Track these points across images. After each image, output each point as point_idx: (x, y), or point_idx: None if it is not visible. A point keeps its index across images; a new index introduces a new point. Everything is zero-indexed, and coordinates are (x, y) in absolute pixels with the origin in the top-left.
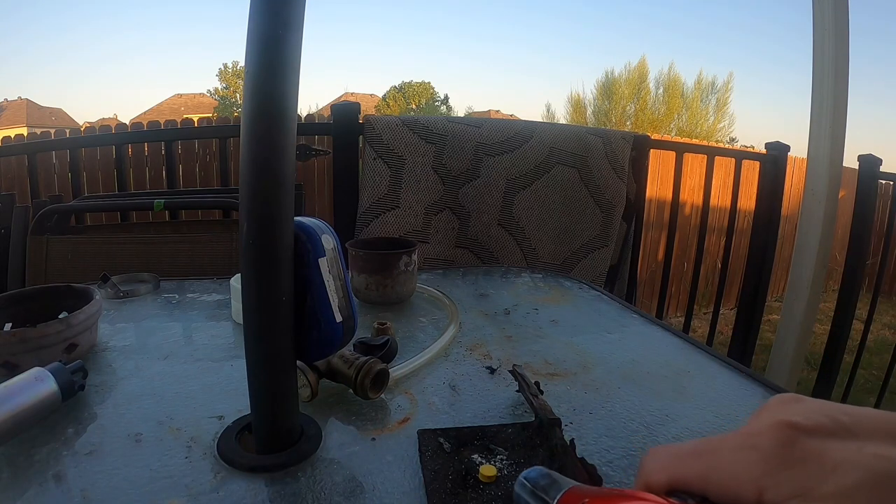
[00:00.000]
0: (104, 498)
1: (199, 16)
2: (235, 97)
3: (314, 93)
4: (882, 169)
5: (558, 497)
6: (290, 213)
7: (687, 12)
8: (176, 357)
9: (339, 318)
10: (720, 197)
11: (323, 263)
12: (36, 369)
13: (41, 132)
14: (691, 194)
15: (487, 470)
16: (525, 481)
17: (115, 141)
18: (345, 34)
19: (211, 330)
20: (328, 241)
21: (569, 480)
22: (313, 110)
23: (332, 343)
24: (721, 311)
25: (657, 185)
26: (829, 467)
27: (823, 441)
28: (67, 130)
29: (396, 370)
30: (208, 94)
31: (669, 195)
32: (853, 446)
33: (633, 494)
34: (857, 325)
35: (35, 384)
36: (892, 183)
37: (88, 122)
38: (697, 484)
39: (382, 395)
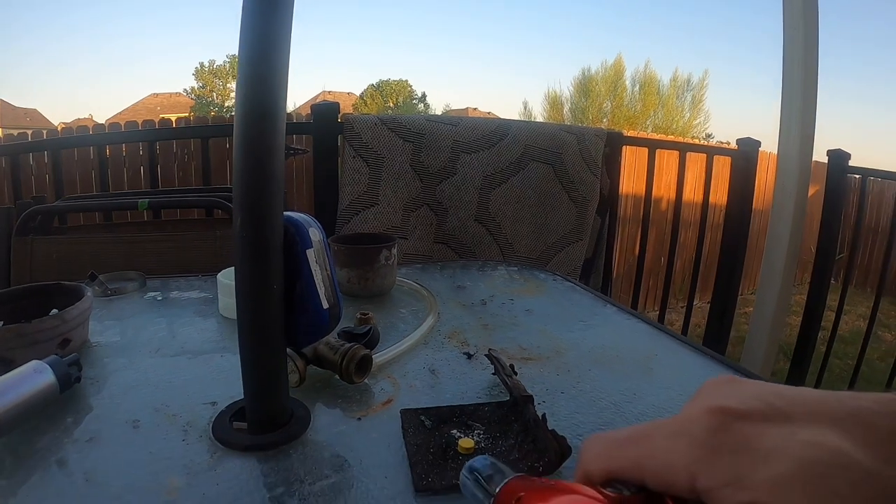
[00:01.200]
0: (107, 480)
1: (175, 15)
2: (212, 96)
3: (292, 92)
4: (850, 163)
5: (499, 487)
6: (280, 207)
7: (665, 7)
8: (166, 350)
9: (325, 305)
10: (694, 193)
11: (310, 254)
12: (34, 362)
13: (18, 133)
14: (667, 190)
15: (466, 443)
16: (471, 470)
17: (100, 142)
18: (322, 33)
19: (199, 325)
20: (315, 233)
21: (511, 472)
22: (291, 109)
23: (320, 328)
24: (697, 304)
25: (633, 182)
26: (762, 455)
27: (756, 426)
28: (45, 131)
29: (379, 356)
30: (185, 94)
31: (645, 191)
32: (786, 432)
33: (568, 487)
34: (832, 316)
35: (34, 376)
36: (860, 177)
37: (64, 123)
38: (633, 472)
39: (366, 380)
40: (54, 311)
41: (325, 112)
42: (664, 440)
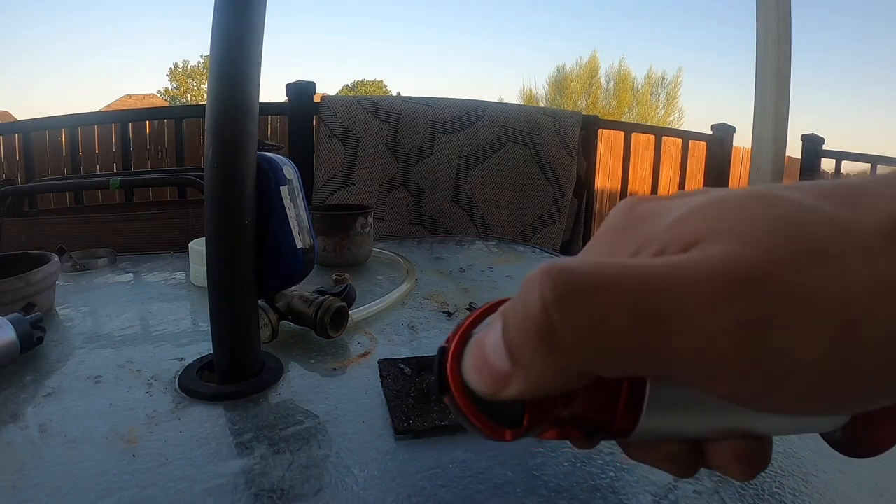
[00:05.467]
0: (63, 430)
1: (148, 14)
2: (186, 97)
3: (262, 95)
4: (824, 147)
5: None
6: (254, 138)
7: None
8: (134, 316)
9: (299, 245)
10: (669, 187)
11: (284, 191)
12: None
13: None
14: (642, 186)
15: None
16: None
17: (72, 123)
18: (295, 29)
19: (170, 294)
20: (289, 171)
21: None
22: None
23: (293, 270)
24: None
25: (609, 177)
26: (667, 212)
27: (665, 201)
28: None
29: (356, 313)
30: (158, 95)
31: (621, 183)
32: (693, 195)
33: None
34: None
35: None
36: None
37: None
38: None
39: (343, 336)
40: None
41: (300, 91)
42: (585, 251)
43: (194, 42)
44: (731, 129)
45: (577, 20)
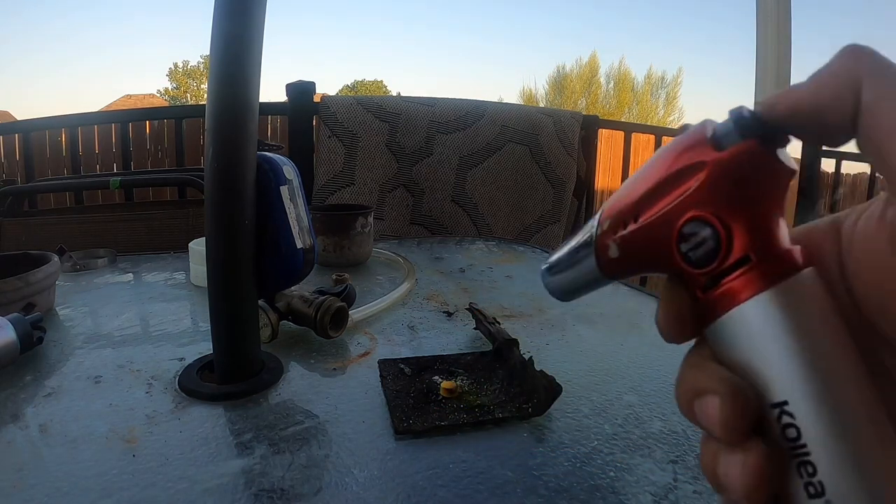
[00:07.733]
0: (63, 430)
1: (148, 14)
2: (186, 97)
3: (262, 95)
4: (824, 147)
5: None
6: (254, 138)
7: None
8: (134, 316)
9: (299, 245)
10: None
11: (284, 191)
12: None
13: None
14: None
15: (448, 384)
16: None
17: (72, 123)
18: (295, 28)
19: (170, 294)
20: (289, 171)
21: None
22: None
23: (293, 269)
24: None
25: (609, 177)
26: None
27: None
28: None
29: (356, 313)
30: (158, 95)
31: (620, 185)
32: None
33: None
34: None
35: None
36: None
37: None
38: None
39: (343, 336)
40: None
41: (300, 91)
42: None
43: (194, 42)
44: None
45: (577, 20)
